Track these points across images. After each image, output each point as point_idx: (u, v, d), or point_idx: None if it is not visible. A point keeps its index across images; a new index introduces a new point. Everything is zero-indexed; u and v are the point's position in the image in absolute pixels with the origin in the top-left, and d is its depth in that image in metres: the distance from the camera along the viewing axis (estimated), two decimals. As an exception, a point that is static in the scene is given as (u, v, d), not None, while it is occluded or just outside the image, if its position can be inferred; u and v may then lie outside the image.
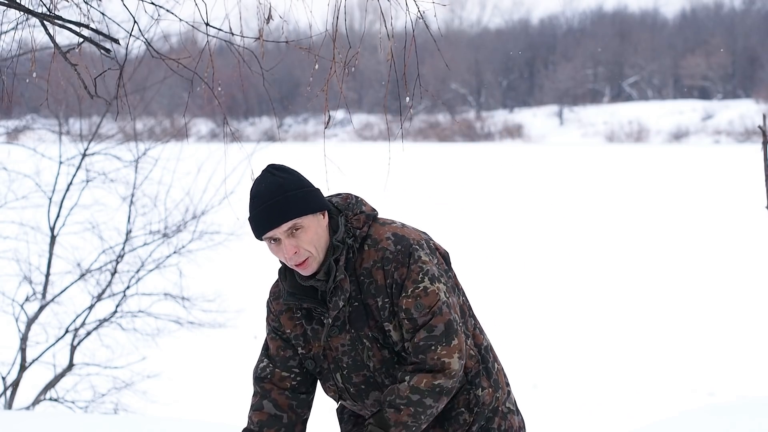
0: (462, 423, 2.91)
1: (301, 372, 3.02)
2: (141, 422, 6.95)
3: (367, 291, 2.88)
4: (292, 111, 55.71)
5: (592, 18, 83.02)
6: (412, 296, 2.83)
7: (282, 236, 2.86)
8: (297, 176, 2.93)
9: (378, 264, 2.87)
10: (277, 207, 2.86)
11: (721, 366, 12.12)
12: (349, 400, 2.98)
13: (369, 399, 2.94)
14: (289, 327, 2.99)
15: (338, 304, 2.88)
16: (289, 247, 2.85)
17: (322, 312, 2.92)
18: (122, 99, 4.04)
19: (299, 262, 2.86)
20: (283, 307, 3.01)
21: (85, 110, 10.47)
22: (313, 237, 2.87)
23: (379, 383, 2.92)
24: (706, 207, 27.49)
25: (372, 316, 2.88)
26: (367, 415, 2.98)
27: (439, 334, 2.82)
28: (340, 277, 2.88)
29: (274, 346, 3.04)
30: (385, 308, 2.86)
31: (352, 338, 2.90)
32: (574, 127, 69.05)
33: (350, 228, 2.92)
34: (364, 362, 2.91)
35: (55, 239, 10.06)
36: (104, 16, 4.24)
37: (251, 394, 3.07)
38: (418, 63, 3.86)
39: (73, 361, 9.85)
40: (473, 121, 68.38)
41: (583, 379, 11.65)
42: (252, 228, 2.93)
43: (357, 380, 2.93)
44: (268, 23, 4.08)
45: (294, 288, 2.94)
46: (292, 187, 2.89)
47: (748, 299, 15.70)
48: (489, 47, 76.92)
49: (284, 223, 2.85)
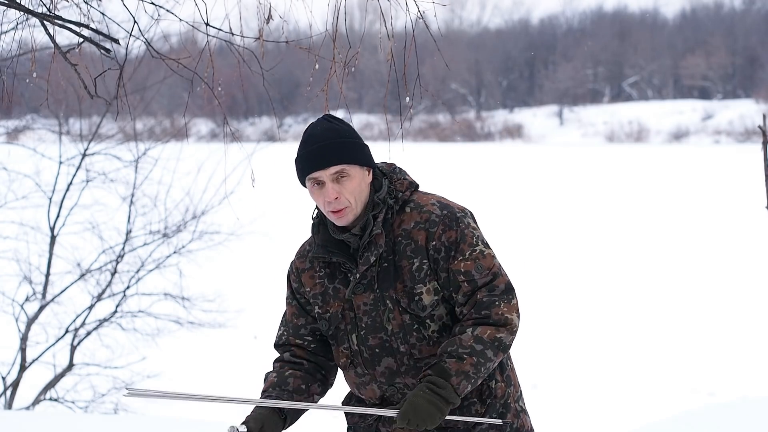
0: (474, 413, 2.90)
1: (314, 339, 3.03)
2: (141, 422, 6.95)
3: (402, 252, 2.89)
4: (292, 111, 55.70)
5: (592, 18, 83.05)
6: (470, 258, 2.86)
7: (327, 179, 2.88)
8: (352, 128, 2.97)
9: (421, 225, 2.89)
10: (331, 149, 2.89)
11: (722, 366, 12.12)
12: (359, 367, 2.95)
13: (381, 366, 2.92)
14: (310, 285, 2.99)
15: (369, 259, 2.89)
16: (331, 191, 2.87)
17: (349, 268, 2.92)
18: (122, 99, 4.04)
19: (338, 209, 2.88)
20: (306, 265, 3.01)
21: (85, 110, 10.47)
22: (356, 188, 2.89)
23: (394, 349, 2.90)
24: (706, 207, 27.49)
25: (401, 279, 2.88)
26: (375, 389, 2.94)
27: (500, 292, 2.85)
28: (376, 231, 2.89)
29: (289, 313, 3.06)
30: (421, 270, 2.87)
31: (376, 298, 2.89)
32: (574, 127, 69.02)
33: (392, 190, 2.95)
34: (383, 324, 2.89)
35: (55, 239, 10.06)
36: (104, 16, 4.24)
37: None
38: (418, 63, 3.86)
39: (73, 361, 9.85)
40: (473, 121, 68.34)
41: (583, 379, 11.65)
42: (299, 167, 2.95)
43: (373, 343, 2.91)
44: (268, 23, 4.08)
45: (325, 241, 2.95)
46: (347, 135, 2.93)
47: (749, 299, 15.70)
48: (489, 47, 76.92)
49: (334, 166, 2.87)
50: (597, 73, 74.91)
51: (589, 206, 28.35)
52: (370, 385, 2.96)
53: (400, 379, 2.91)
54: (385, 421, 2.96)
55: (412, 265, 2.88)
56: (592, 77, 74.75)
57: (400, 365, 2.90)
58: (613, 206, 28.39)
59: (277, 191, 28.06)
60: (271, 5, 4.07)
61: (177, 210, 10.62)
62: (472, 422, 2.91)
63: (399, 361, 2.90)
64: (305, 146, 2.93)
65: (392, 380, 2.92)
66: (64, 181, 10.17)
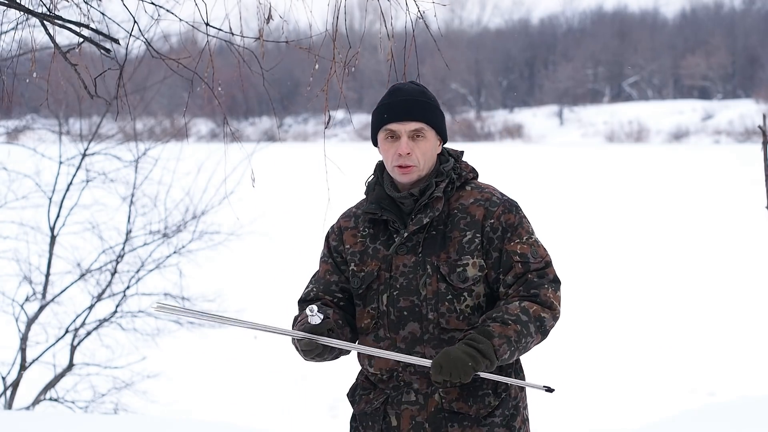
0: (486, 404, 2.90)
1: (343, 297, 3.05)
2: (141, 422, 6.95)
3: (455, 224, 2.93)
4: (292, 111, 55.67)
5: (592, 18, 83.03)
6: (527, 243, 2.91)
7: (404, 134, 2.93)
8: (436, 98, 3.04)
9: (480, 203, 2.95)
10: (418, 105, 2.96)
11: (722, 366, 12.12)
12: (382, 329, 2.94)
13: (404, 330, 2.91)
14: (350, 243, 3.02)
15: (422, 220, 2.92)
16: (404, 146, 2.92)
17: (397, 228, 2.95)
18: (122, 99, 4.04)
19: (407, 164, 2.93)
20: (350, 224, 3.05)
21: (85, 110, 10.47)
22: (428, 151, 2.96)
23: (423, 315, 2.89)
24: (706, 207, 27.48)
25: (446, 249, 2.91)
26: (392, 358, 2.90)
27: (550, 280, 2.90)
28: (437, 194, 2.93)
29: (323, 270, 3.08)
30: (472, 242, 2.90)
31: (417, 262, 2.91)
32: (574, 127, 69.02)
33: (457, 167, 3.01)
34: (417, 288, 2.90)
35: (55, 239, 10.06)
36: (104, 16, 4.24)
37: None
38: (418, 63, 3.86)
39: (73, 361, 9.84)
40: (473, 121, 68.34)
41: (582, 379, 11.65)
42: (378, 116, 2.99)
43: (403, 305, 2.91)
44: (268, 23, 4.08)
45: (379, 199, 2.98)
46: (433, 100, 3.01)
47: (749, 299, 15.70)
48: (489, 47, 76.89)
49: (415, 122, 2.94)
50: (597, 73, 74.89)
51: (588, 206, 28.35)
52: (386, 353, 2.92)
53: (420, 347, 2.90)
54: (393, 403, 2.94)
55: (464, 237, 2.91)
56: (592, 77, 74.74)
57: (424, 333, 2.89)
58: (613, 206, 28.39)
59: (277, 191, 28.07)
60: (271, 5, 4.07)
61: (177, 210, 10.62)
62: (486, 410, 2.89)
63: (424, 328, 2.89)
64: (390, 97, 2.98)
65: (412, 347, 2.90)
66: (64, 181, 10.16)
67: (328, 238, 3.10)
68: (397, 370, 2.93)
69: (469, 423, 2.88)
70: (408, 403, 2.91)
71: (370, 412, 2.99)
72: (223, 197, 10.45)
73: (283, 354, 12.88)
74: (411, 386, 2.92)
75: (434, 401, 2.90)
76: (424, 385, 2.91)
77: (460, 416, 2.88)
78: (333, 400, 10.74)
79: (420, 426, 2.89)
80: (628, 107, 69.30)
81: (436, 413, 2.89)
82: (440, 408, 2.89)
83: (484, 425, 2.89)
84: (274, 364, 12.18)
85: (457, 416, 2.88)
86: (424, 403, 2.90)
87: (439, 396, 2.89)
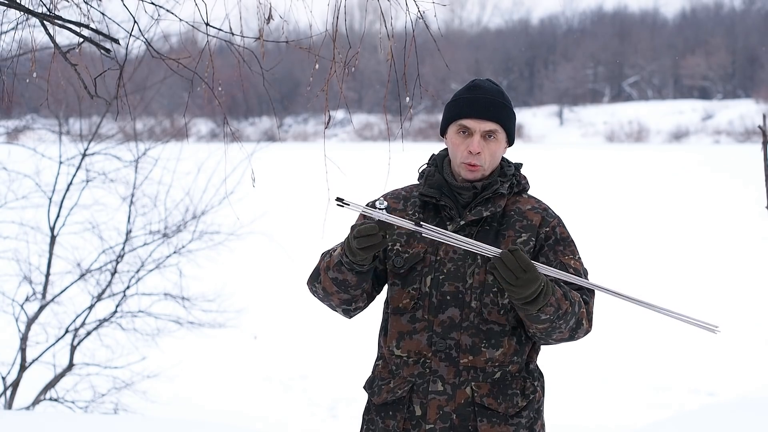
0: (515, 404, 2.89)
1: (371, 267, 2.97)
2: (141, 422, 6.95)
3: (511, 224, 2.94)
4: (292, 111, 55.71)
5: (592, 18, 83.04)
6: (579, 261, 2.95)
7: (478, 132, 2.92)
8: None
9: (537, 210, 2.97)
10: (495, 105, 2.95)
11: (722, 366, 12.12)
12: (420, 311, 2.91)
13: (444, 314, 2.89)
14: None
15: (481, 212, 2.92)
16: (477, 144, 2.92)
17: (453, 215, 2.94)
18: (122, 99, 4.04)
19: (475, 163, 2.93)
20: (399, 206, 3.03)
21: (85, 110, 10.46)
22: (496, 153, 2.96)
23: (466, 302, 2.88)
24: (706, 207, 27.48)
25: (498, 245, 2.89)
26: (423, 340, 2.90)
27: (592, 298, 2.96)
28: (501, 191, 2.95)
29: None
30: (527, 244, 2.91)
31: (467, 252, 2.89)
32: (574, 127, 69.06)
33: (517, 174, 3.04)
34: (464, 276, 2.89)
35: (55, 239, 10.05)
36: (104, 16, 4.24)
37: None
38: (418, 63, 3.86)
39: (73, 361, 9.84)
40: (473, 121, 68.25)
41: (582, 378, 11.65)
42: (454, 108, 2.98)
43: (447, 289, 2.89)
44: (268, 23, 4.08)
45: (440, 185, 2.98)
46: (509, 103, 3.01)
47: (749, 299, 15.70)
48: (489, 47, 76.93)
49: (492, 122, 2.94)
50: (597, 73, 74.89)
51: (588, 206, 28.35)
52: (420, 334, 2.91)
53: (456, 334, 2.87)
54: (419, 392, 2.90)
55: (518, 237, 2.92)
56: (592, 77, 74.73)
57: (464, 319, 2.88)
58: (612, 206, 28.38)
59: (277, 191, 28.07)
60: (271, 5, 4.07)
61: (177, 210, 10.61)
62: (513, 410, 2.89)
63: (464, 315, 2.88)
64: (470, 92, 2.97)
65: (448, 333, 2.88)
66: (64, 181, 10.16)
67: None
68: (425, 354, 2.90)
69: (498, 420, 2.87)
70: (435, 393, 2.88)
71: (392, 401, 2.94)
72: (223, 197, 10.44)
73: (283, 354, 12.89)
74: (437, 374, 2.89)
75: (465, 394, 2.88)
76: (452, 374, 2.88)
77: (489, 412, 2.87)
78: (333, 401, 10.74)
79: (447, 417, 2.87)
80: (628, 107, 69.33)
81: (465, 406, 2.87)
82: (470, 401, 2.87)
83: (511, 424, 2.89)
84: (274, 363, 12.18)
85: (487, 412, 2.87)
86: (452, 394, 2.88)
87: (471, 389, 2.88)
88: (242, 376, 11.94)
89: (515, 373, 2.91)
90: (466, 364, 2.88)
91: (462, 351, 2.87)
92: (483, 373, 2.88)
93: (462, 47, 70.33)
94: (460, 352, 2.87)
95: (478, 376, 2.87)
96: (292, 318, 14.12)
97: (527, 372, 2.94)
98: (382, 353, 3.04)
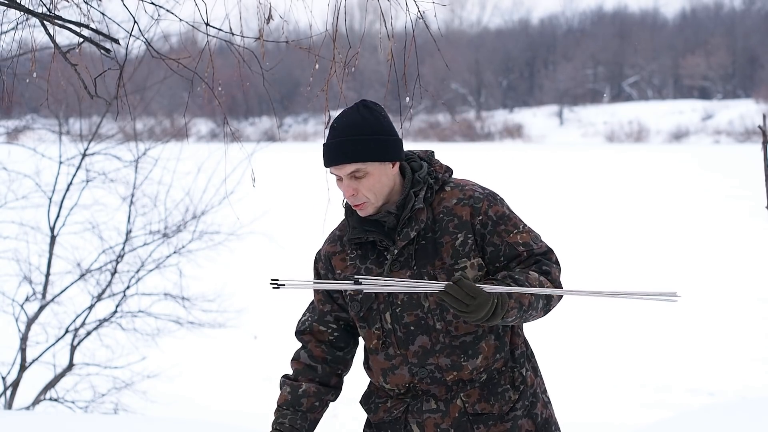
0: (507, 399, 2.89)
1: (338, 327, 3.02)
2: (141, 422, 6.95)
3: (444, 228, 2.88)
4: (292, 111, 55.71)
5: (592, 18, 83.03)
6: (525, 232, 2.89)
7: (344, 176, 2.87)
8: (378, 120, 2.89)
9: (465, 201, 2.89)
10: (346, 146, 2.85)
11: (722, 366, 12.12)
12: (392, 347, 2.91)
13: (414, 345, 2.87)
14: (341, 268, 2.96)
15: (409, 234, 2.86)
16: (347, 188, 2.87)
17: (386, 245, 2.90)
18: (122, 99, 4.03)
19: (356, 204, 2.88)
20: (337, 249, 2.99)
21: (85, 110, 10.46)
22: (375, 184, 2.87)
23: (430, 326, 2.86)
24: (706, 207, 27.49)
25: (440, 255, 2.86)
26: (405, 373, 2.90)
27: (554, 262, 2.90)
28: (418, 206, 2.88)
29: (316, 299, 3.04)
30: (466, 244, 2.86)
31: (413, 275, 2.86)
32: (574, 127, 69.05)
33: (432, 171, 2.95)
34: (419, 301, 2.86)
35: (55, 239, 10.05)
36: (104, 16, 4.24)
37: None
38: (418, 63, 3.86)
39: (73, 361, 9.84)
40: (473, 121, 68.37)
41: (582, 378, 11.65)
42: (323, 154, 2.94)
43: (408, 320, 2.87)
44: (268, 23, 4.08)
45: (360, 222, 2.93)
46: (367, 131, 2.87)
47: (749, 299, 15.70)
48: (489, 47, 76.91)
49: (349, 165, 2.85)
50: (597, 73, 74.89)
51: (589, 206, 28.35)
52: (400, 368, 2.91)
53: (433, 359, 2.87)
54: (414, 412, 2.92)
55: (455, 240, 2.86)
56: (592, 77, 74.74)
57: (435, 344, 2.86)
58: (613, 206, 28.38)
59: (277, 191, 28.07)
60: (271, 5, 4.07)
61: (177, 210, 10.61)
62: (507, 406, 2.89)
63: (434, 339, 2.86)
64: (328, 138, 2.91)
65: (425, 360, 2.87)
66: (64, 181, 10.16)
67: (316, 265, 3.04)
68: (413, 382, 2.91)
69: (494, 421, 2.88)
70: (429, 412, 2.89)
71: (389, 421, 2.97)
72: (223, 197, 10.45)
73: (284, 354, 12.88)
74: (429, 393, 2.90)
75: (457, 406, 2.88)
76: (443, 391, 2.89)
77: (484, 416, 2.88)
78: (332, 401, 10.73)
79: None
80: (628, 107, 69.33)
81: (460, 417, 2.88)
82: (464, 412, 2.88)
83: (508, 420, 2.88)
84: (274, 363, 12.17)
85: (481, 417, 2.88)
86: (446, 410, 2.88)
87: (461, 401, 2.88)
88: (242, 376, 11.93)
89: (501, 369, 2.91)
90: (453, 379, 2.88)
91: (444, 371, 2.88)
92: (471, 382, 2.89)
93: (462, 47, 70.31)
94: (443, 372, 2.88)
95: (467, 386, 2.88)
96: (292, 318, 14.08)
97: (513, 361, 2.93)
98: (372, 382, 3.07)
